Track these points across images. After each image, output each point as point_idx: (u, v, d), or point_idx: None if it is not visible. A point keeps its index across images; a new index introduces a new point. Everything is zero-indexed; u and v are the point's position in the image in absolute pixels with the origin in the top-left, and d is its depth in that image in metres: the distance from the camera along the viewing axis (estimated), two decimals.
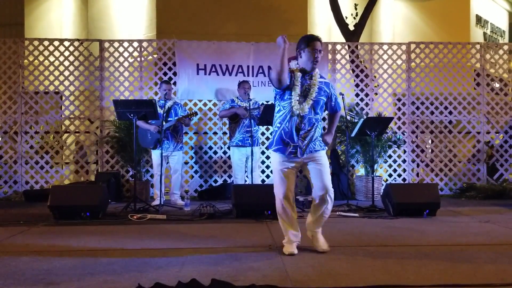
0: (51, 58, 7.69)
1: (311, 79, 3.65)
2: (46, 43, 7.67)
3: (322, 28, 11.43)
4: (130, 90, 7.74)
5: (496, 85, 8.24)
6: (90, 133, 7.84)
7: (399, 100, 8.08)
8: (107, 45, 7.72)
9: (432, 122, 8.02)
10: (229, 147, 7.13)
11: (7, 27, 12.89)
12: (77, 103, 7.80)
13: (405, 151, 7.92)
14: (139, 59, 7.78)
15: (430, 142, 8.36)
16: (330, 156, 7.39)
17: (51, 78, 7.66)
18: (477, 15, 13.19)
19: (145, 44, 7.87)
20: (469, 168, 8.00)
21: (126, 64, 7.78)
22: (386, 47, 8.13)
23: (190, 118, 6.58)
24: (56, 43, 7.73)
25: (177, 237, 4.37)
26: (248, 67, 7.77)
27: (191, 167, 7.77)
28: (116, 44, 7.75)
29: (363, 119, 6.25)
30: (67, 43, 7.75)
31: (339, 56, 8.02)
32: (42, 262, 3.42)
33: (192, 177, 7.76)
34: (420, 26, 12.89)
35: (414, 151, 7.98)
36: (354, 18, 9.66)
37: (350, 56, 8.09)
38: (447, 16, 12.49)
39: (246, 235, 4.49)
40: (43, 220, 5.21)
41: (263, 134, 7.71)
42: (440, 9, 12.57)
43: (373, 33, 12.93)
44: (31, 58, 7.76)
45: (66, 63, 7.68)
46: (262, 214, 5.30)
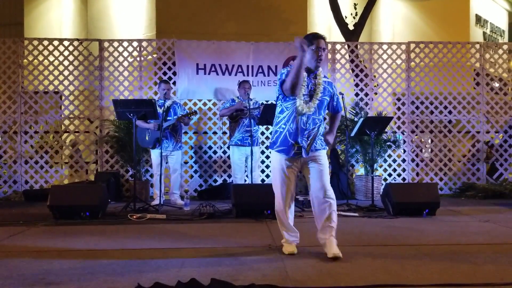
0: (51, 58, 7.69)
1: (316, 79, 3.58)
2: (46, 42, 7.67)
3: (322, 28, 11.43)
4: (130, 90, 7.74)
5: (495, 84, 8.24)
6: (90, 132, 7.84)
7: (398, 99, 8.08)
8: (106, 44, 7.72)
9: (432, 122, 8.02)
10: (228, 147, 7.13)
11: (6, 26, 12.90)
12: (76, 103, 7.80)
13: (404, 151, 7.92)
14: (138, 58, 7.77)
15: (430, 141, 8.36)
16: (330, 156, 7.38)
17: (51, 77, 7.66)
18: (476, 15, 13.21)
19: (144, 44, 7.87)
20: (468, 167, 8.00)
21: (126, 63, 7.78)
22: (385, 46, 8.12)
23: (190, 117, 6.57)
24: (56, 42, 7.73)
25: (176, 237, 4.36)
26: (248, 66, 7.77)
27: (191, 166, 7.76)
28: (116, 44, 7.75)
29: (362, 119, 6.25)
30: (66, 43, 7.75)
31: (338, 56, 8.02)
32: (41, 262, 3.41)
33: (191, 176, 7.76)
34: (420, 25, 12.90)
35: (413, 150, 7.98)
36: (354, 18, 9.66)
37: (349, 56, 8.09)
38: (446, 16, 12.50)
39: (245, 234, 4.48)
40: (42, 220, 5.20)
41: (262, 133, 7.71)
42: (440, 8, 12.59)
43: (372, 32, 12.95)
44: (30, 58, 7.76)
45: (66, 62, 7.68)
46: (261, 213, 5.30)
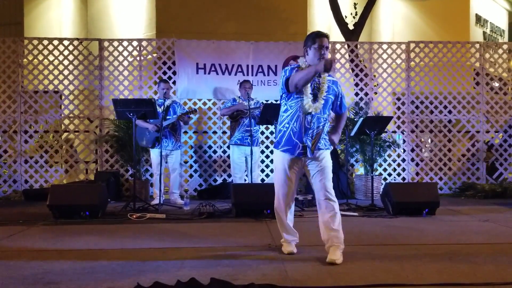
0: (51, 57, 7.68)
1: (320, 77, 3.53)
2: (46, 42, 7.66)
3: (322, 28, 11.40)
4: (130, 89, 7.73)
5: (495, 84, 8.23)
6: (90, 132, 7.84)
7: (398, 99, 8.08)
8: (106, 44, 7.71)
9: (432, 121, 8.02)
10: (229, 146, 7.14)
11: (6, 26, 12.90)
12: (76, 102, 7.80)
13: (404, 150, 7.92)
14: (138, 58, 7.77)
15: (430, 141, 8.36)
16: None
17: (51, 77, 7.66)
18: (476, 15, 13.20)
19: (144, 43, 7.86)
20: (468, 167, 8.00)
21: (126, 63, 7.77)
22: (385, 46, 8.12)
23: (189, 116, 6.58)
24: (56, 42, 7.72)
25: (176, 237, 4.36)
26: (248, 66, 7.76)
27: (191, 166, 7.76)
28: (116, 43, 7.74)
29: (362, 118, 6.25)
30: (66, 42, 7.75)
31: (338, 55, 8.02)
32: (41, 261, 3.42)
33: (191, 176, 7.76)
34: (420, 25, 12.89)
35: (413, 150, 7.97)
36: (354, 18, 9.66)
37: (349, 55, 8.08)
38: (446, 16, 12.50)
39: (245, 234, 4.48)
40: (42, 220, 5.20)
41: (262, 133, 7.71)
42: (440, 8, 12.58)
43: (372, 32, 12.94)
44: (30, 57, 7.76)
45: (66, 62, 7.67)
46: (261, 213, 5.30)
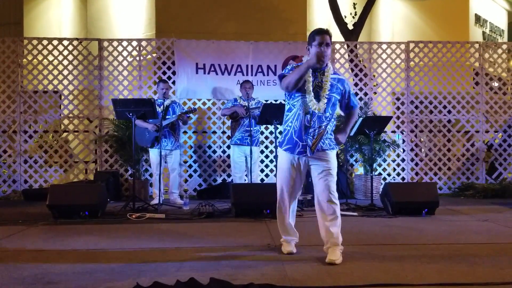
0: (50, 57, 7.68)
1: (323, 75, 3.45)
2: (45, 42, 7.66)
3: (321, 27, 11.41)
4: (129, 89, 7.73)
5: (494, 84, 8.24)
6: (89, 132, 7.84)
7: (398, 99, 8.08)
8: (106, 44, 7.71)
9: (431, 121, 8.02)
10: (229, 146, 7.16)
11: (6, 26, 12.86)
12: (76, 102, 7.80)
13: (404, 150, 7.92)
14: (138, 58, 7.77)
15: (429, 141, 8.35)
16: None
17: (50, 77, 7.65)
18: (476, 14, 13.19)
19: (144, 43, 7.86)
20: (468, 167, 8.01)
21: (125, 63, 7.77)
22: (385, 46, 8.12)
23: (189, 115, 6.58)
24: (55, 42, 7.72)
25: (175, 236, 4.37)
26: (247, 66, 7.76)
27: (190, 166, 7.76)
28: (115, 43, 7.74)
29: (362, 118, 6.25)
30: (66, 42, 7.75)
31: (338, 55, 8.02)
32: (41, 261, 3.42)
33: (191, 176, 7.76)
34: (419, 25, 12.88)
35: (412, 150, 7.98)
36: (353, 17, 9.65)
37: (349, 55, 8.08)
38: (446, 15, 12.48)
39: (245, 234, 4.49)
40: (42, 219, 5.20)
41: (262, 133, 7.71)
42: (439, 8, 12.57)
43: (372, 32, 12.93)
44: (30, 57, 7.75)
45: (65, 62, 7.67)
46: (261, 213, 5.31)
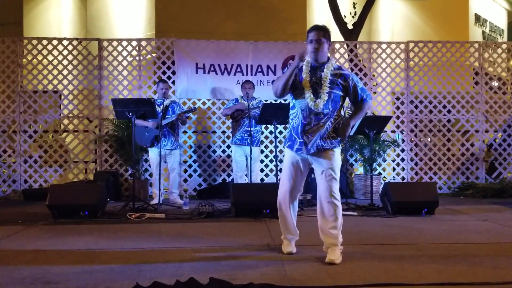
0: (50, 57, 7.68)
1: (323, 71, 3.41)
2: (45, 42, 7.66)
3: None
4: (129, 89, 7.73)
5: (494, 83, 8.24)
6: (89, 132, 7.84)
7: (397, 99, 8.08)
8: (105, 44, 7.71)
9: (431, 121, 8.02)
10: (229, 145, 7.19)
11: (5, 25, 12.85)
12: (76, 102, 7.80)
13: (403, 150, 7.92)
14: (137, 58, 7.77)
15: (429, 140, 8.35)
16: None
17: (50, 77, 7.65)
18: (476, 14, 13.18)
19: (143, 43, 7.86)
20: (467, 166, 8.01)
21: (125, 63, 7.77)
22: (384, 46, 8.12)
23: (188, 115, 6.59)
24: (55, 42, 7.72)
25: (175, 236, 4.37)
26: (247, 66, 7.76)
27: (190, 166, 7.76)
28: (115, 43, 7.74)
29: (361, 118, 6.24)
30: (65, 42, 7.74)
31: (337, 55, 8.02)
32: (40, 261, 3.42)
33: (191, 176, 7.76)
34: (419, 25, 12.87)
35: (412, 149, 7.98)
36: (353, 17, 9.65)
37: (348, 55, 8.09)
38: (446, 15, 12.47)
39: (244, 234, 4.49)
40: (41, 219, 5.20)
41: (262, 133, 7.70)
42: (439, 8, 12.56)
43: (371, 32, 12.92)
44: (29, 57, 7.75)
45: (65, 62, 7.67)
46: (260, 212, 5.31)
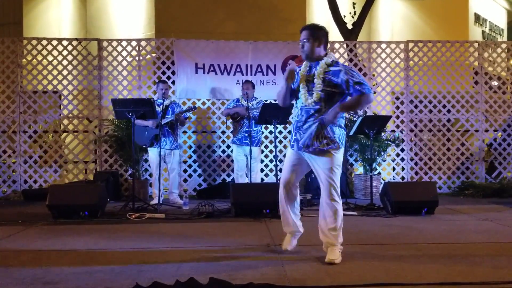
0: (50, 57, 7.67)
1: (316, 69, 3.42)
2: (45, 42, 7.66)
3: None
4: (129, 89, 7.73)
5: (494, 83, 8.24)
6: (89, 132, 7.84)
7: (397, 98, 8.08)
8: (105, 44, 7.71)
9: (431, 121, 8.02)
10: (229, 145, 7.21)
11: (5, 26, 12.85)
12: (75, 102, 7.80)
13: (403, 150, 7.93)
14: (137, 58, 7.77)
15: (428, 139, 8.35)
16: None
17: (50, 77, 7.65)
18: (475, 14, 13.18)
19: (143, 43, 7.86)
20: (467, 166, 8.01)
21: (125, 63, 7.77)
22: (384, 45, 8.12)
23: (187, 115, 6.60)
24: (55, 42, 7.71)
25: (175, 236, 4.37)
26: (247, 66, 7.75)
27: (190, 166, 7.76)
28: (115, 43, 7.74)
29: (361, 118, 6.25)
30: (65, 42, 7.74)
31: (337, 55, 8.01)
32: (40, 261, 3.42)
33: (190, 176, 7.76)
34: (419, 24, 12.86)
35: (412, 149, 7.98)
36: (352, 17, 9.65)
37: (348, 55, 8.08)
38: (445, 15, 12.46)
39: (244, 234, 4.49)
40: (41, 220, 5.20)
41: (262, 133, 7.71)
42: (439, 7, 12.55)
43: (371, 31, 12.91)
44: (29, 57, 7.75)
45: (65, 62, 7.67)
46: (260, 212, 5.31)
